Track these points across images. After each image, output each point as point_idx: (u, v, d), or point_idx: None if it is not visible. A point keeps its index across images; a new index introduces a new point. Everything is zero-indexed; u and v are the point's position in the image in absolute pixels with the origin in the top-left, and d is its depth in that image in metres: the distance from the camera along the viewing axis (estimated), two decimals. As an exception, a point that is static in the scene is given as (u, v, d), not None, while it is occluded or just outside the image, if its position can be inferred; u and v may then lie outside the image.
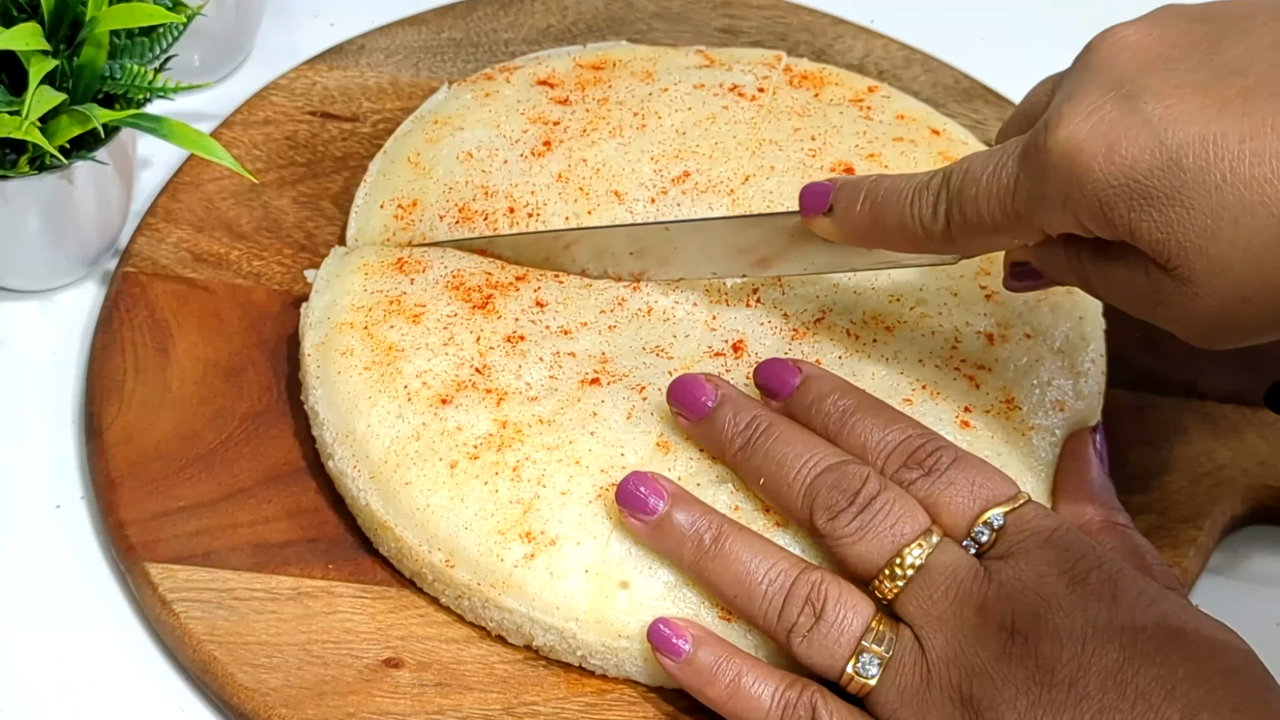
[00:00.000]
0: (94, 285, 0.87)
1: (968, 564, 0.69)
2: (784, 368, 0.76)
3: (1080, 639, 0.66)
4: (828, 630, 0.69)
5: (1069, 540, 0.69)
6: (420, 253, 0.82)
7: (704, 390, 0.75)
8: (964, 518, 0.71)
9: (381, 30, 0.97)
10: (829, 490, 0.71)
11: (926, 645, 0.68)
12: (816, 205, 0.76)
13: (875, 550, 0.70)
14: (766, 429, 0.74)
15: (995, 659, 0.67)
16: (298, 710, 0.71)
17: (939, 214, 0.71)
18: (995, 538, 0.70)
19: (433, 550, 0.74)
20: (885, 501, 0.71)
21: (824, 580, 0.70)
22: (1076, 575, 0.68)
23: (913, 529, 0.70)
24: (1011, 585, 0.68)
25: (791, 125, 0.89)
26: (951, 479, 0.71)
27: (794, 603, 0.70)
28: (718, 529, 0.72)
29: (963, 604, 0.68)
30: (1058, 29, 1.07)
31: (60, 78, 0.79)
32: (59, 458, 0.81)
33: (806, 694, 0.69)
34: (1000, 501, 0.71)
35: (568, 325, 0.80)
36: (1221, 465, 0.82)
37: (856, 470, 0.72)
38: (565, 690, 0.73)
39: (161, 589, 0.74)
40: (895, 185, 0.73)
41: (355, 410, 0.77)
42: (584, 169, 0.86)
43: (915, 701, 0.68)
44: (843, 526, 0.71)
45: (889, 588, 0.70)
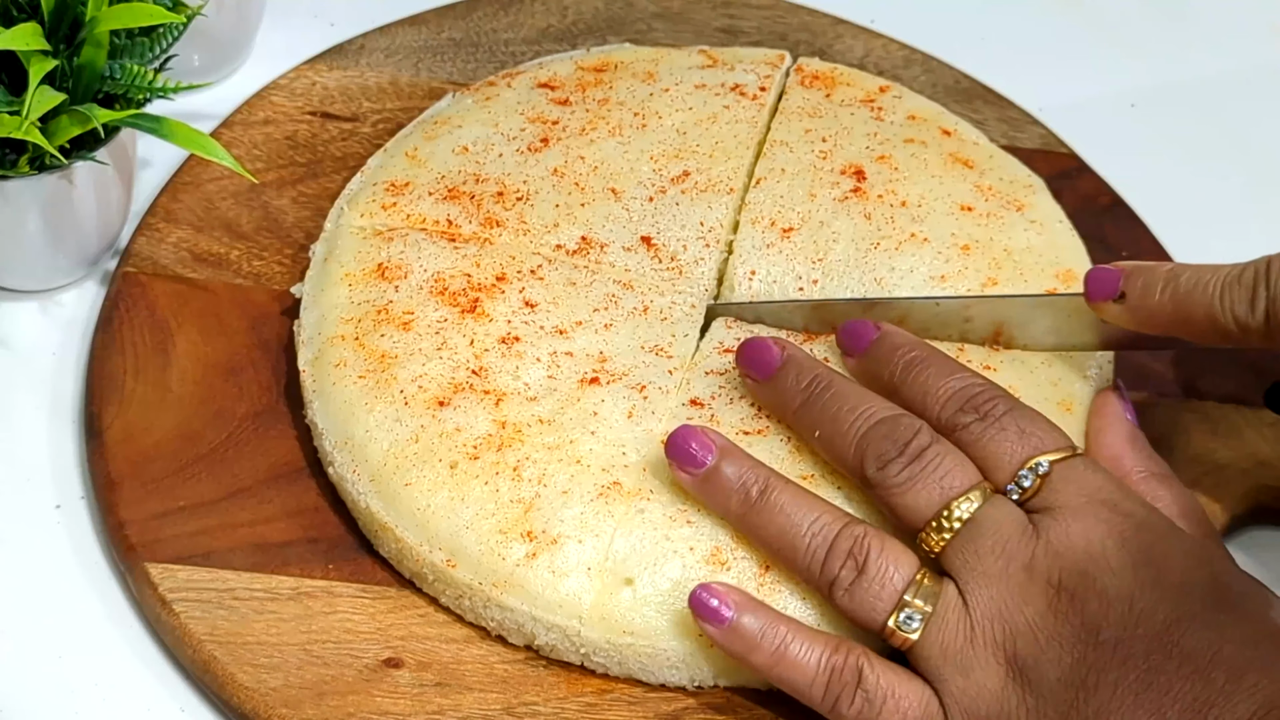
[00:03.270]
0: (94, 285, 0.87)
1: (1016, 519, 0.69)
2: (864, 325, 0.77)
3: (1128, 599, 0.66)
4: (869, 584, 0.70)
5: (1118, 497, 0.69)
6: (399, 255, 0.82)
7: (771, 351, 0.76)
8: (1011, 462, 0.71)
9: (381, 30, 0.97)
10: (880, 440, 0.72)
11: (970, 601, 0.68)
12: (1106, 291, 0.75)
13: (924, 501, 0.70)
14: (826, 385, 0.75)
15: (1040, 616, 0.67)
16: (298, 710, 0.71)
17: (1257, 310, 0.71)
18: (1039, 485, 0.70)
19: (434, 550, 0.74)
20: (936, 454, 0.71)
21: (867, 534, 0.70)
22: (1126, 533, 0.68)
23: (962, 482, 0.70)
24: (1059, 543, 0.68)
25: (803, 127, 0.89)
26: (1003, 425, 0.71)
27: (836, 555, 0.70)
28: (764, 482, 0.72)
29: (1009, 560, 0.68)
30: (1058, 29, 1.07)
31: (60, 78, 0.79)
32: (59, 458, 0.81)
33: (852, 657, 0.69)
34: (1048, 450, 0.71)
35: (562, 325, 0.80)
36: (1221, 465, 0.82)
37: (909, 423, 0.72)
38: (565, 690, 0.73)
39: (161, 589, 0.74)
40: (1199, 276, 0.73)
41: (352, 417, 0.77)
42: (581, 165, 0.86)
43: (958, 657, 0.68)
44: (892, 476, 0.71)
45: (935, 540, 0.70)
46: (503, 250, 0.83)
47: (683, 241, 0.84)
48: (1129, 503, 0.69)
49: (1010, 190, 0.87)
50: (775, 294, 0.83)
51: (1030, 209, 0.87)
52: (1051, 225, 0.86)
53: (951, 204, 0.86)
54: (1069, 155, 0.96)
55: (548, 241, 0.83)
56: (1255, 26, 1.08)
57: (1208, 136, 1.01)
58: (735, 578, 0.73)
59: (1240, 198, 0.98)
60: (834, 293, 0.83)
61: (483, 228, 0.84)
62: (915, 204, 0.85)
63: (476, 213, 0.84)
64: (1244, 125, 1.02)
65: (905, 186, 0.86)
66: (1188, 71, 1.05)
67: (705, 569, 0.73)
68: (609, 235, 0.84)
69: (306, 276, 0.84)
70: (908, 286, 0.83)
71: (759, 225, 0.84)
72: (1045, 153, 0.95)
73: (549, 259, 0.83)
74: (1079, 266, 0.85)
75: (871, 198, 0.86)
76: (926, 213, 0.85)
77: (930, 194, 0.86)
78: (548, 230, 0.84)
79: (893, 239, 0.84)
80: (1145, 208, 0.94)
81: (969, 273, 0.83)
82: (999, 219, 0.85)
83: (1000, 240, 0.85)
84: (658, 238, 0.84)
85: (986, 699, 0.67)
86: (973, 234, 0.85)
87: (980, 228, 0.85)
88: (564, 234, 0.84)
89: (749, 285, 0.83)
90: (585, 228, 0.84)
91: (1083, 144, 0.96)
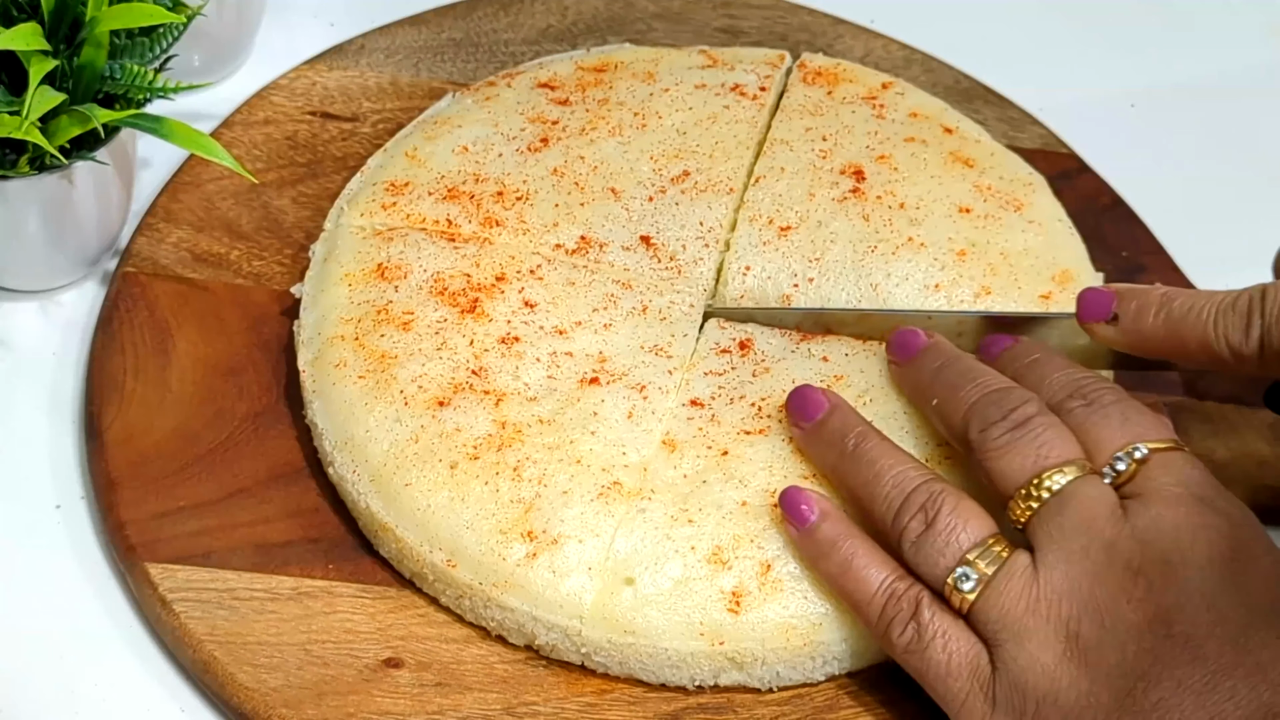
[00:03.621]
0: (94, 285, 0.87)
1: (1107, 499, 0.69)
2: (999, 337, 0.78)
3: (1208, 597, 0.66)
4: (934, 539, 0.70)
5: (1214, 494, 0.69)
6: (399, 255, 0.82)
7: (918, 337, 0.78)
8: (1111, 446, 0.71)
9: (381, 30, 0.97)
10: (987, 405, 0.72)
11: (1043, 573, 0.68)
12: (1098, 313, 0.76)
13: (1017, 467, 0.70)
14: (957, 361, 0.76)
15: (1112, 599, 0.66)
16: (298, 710, 0.71)
17: (1251, 337, 0.72)
18: (1136, 470, 0.70)
19: (434, 550, 0.74)
20: (1039, 425, 0.71)
21: (944, 491, 0.71)
22: (1216, 531, 0.67)
23: (1060, 454, 0.70)
24: (1146, 530, 0.67)
25: (803, 125, 0.89)
26: (1108, 412, 0.72)
27: (910, 507, 0.71)
28: (861, 436, 0.74)
29: (1092, 538, 0.68)
30: (1058, 29, 1.07)
31: (60, 78, 0.79)
32: (59, 458, 0.81)
33: (915, 589, 0.70)
34: (1150, 439, 0.71)
35: (562, 325, 0.80)
36: (1221, 465, 0.82)
37: (1020, 393, 0.72)
38: (565, 690, 0.73)
39: (161, 589, 0.74)
40: (1193, 302, 0.73)
41: (352, 417, 0.77)
42: (581, 165, 0.86)
43: (1017, 624, 0.68)
44: (992, 439, 0.71)
45: (1022, 509, 0.70)
46: (502, 250, 0.83)
47: (682, 241, 0.84)
48: (1224, 501, 0.69)
49: (1010, 189, 0.87)
50: (769, 290, 0.83)
51: (1029, 208, 0.87)
52: (1050, 225, 0.86)
53: (950, 206, 0.86)
54: (1069, 155, 0.96)
55: (547, 241, 0.83)
56: (1255, 26, 1.08)
57: (1208, 136, 1.01)
58: (736, 577, 0.73)
59: (1240, 198, 0.98)
60: (828, 292, 0.83)
61: (483, 228, 0.84)
62: (914, 206, 0.85)
63: (476, 213, 0.84)
64: (1244, 125, 1.02)
65: (904, 188, 0.86)
66: (1188, 71, 1.05)
67: (707, 568, 0.73)
68: (608, 235, 0.84)
69: (306, 276, 0.84)
70: (902, 294, 0.83)
71: (757, 223, 0.84)
72: (1045, 153, 0.95)
73: (549, 259, 0.83)
74: (1077, 267, 0.85)
75: (870, 198, 0.86)
76: (924, 215, 0.85)
77: (929, 195, 0.86)
78: (547, 230, 0.84)
79: (890, 242, 0.84)
80: (1145, 208, 0.94)
81: (963, 281, 0.83)
82: (997, 221, 0.85)
83: (997, 243, 0.85)
84: (657, 237, 0.84)
85: (1038, 672, 0.67)
86: (970, 237, 0.84)
87: (977, 230, 0.85)
88: (564, 234, 0.84)
89: (743, 280, 0.83)
90: (585, 227, 0.84)
91: (1083, 144, 0.96)
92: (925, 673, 0.70)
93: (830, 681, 0.75)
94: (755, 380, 0.79)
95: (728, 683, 0.74)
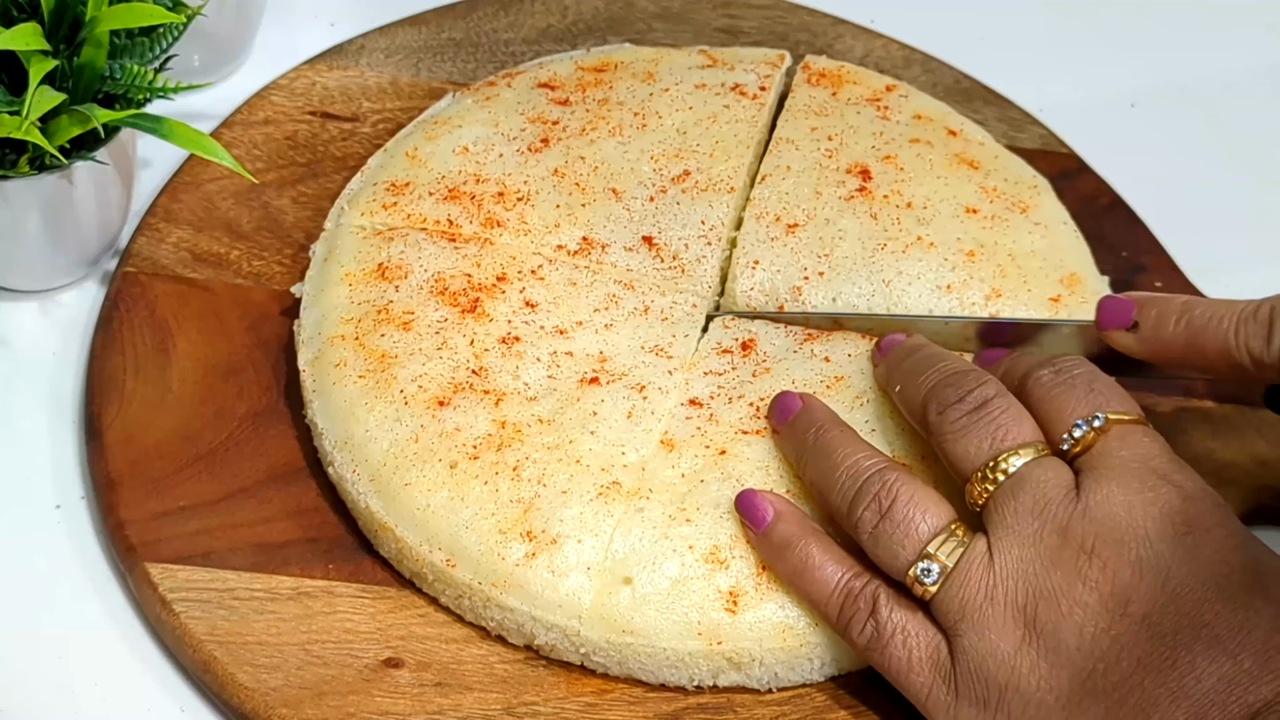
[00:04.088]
0: (94, 285, 0.87)
1: (1062, 481, 0.69)
2: (996, 352, 0.78)
3: (1163, 572, 0.66)
4: (893, 530, 0.70)
5: (1170, 468, 0.69)
6: (399, 255, 0.82)
7: (898, 336, 0.78)
8: (1072, 415, 0.71)
9: (381, 30, 0.97)
10: (945, 388, 0.72)
11: (998, 559, 0.68)
12: (1118, 320, 0.76)
13: (974, 449, 0.70)
14: (926, 350, 0.76)
15: (1067, 581, 0.66)
16: (298, 710, 0.71)
17: (1272, 345, 0.72)
18: (1094, 438, 0.70)
19: (433, 550, 0.74)
20: (998, 407, 0.71)
21: (899, 479, 0.70)
22: (1170, 504, 0.67)
23: (1017, 436, 0.70)
24: (1099, 509, 0.67)
25: (809, 125, 0.89)
26: (1074, 380, 0.71)
27: (863, 497, 0.71)
28: (821, 429, 0.74)
29: (1045, 522, 0.68)
30: (1058, 29, 1.07)
31: (60, 78, 0.79)
32: (59, 458, 0.81)
33: (870, 586, 0.70)
34: (1112, 410, 0.70)
35: (562, 325, 0.80)
36: (1221, 465, 0.82)
37: (979, 375, 0.72)
38: (565, 690, 0.73)
39: (161, 589, 0.74)
40: (1214, 310, 0.73)
41: (352, 416, 0.77)
42: (581, 166, 0.86)
43: (976, 614, 0.68)
44: (949, 421, 0.71)
45: (978, 491, 0.70)
46: (503, 250, 0.83)
47: (684, 240, 0.84)
48: (1180, 475, 0.69)
49: (1015, 191, 0.87)
50: (779, 283, 0.83)
51: (1035, 210, 0.87)
52: (1056, 228, 0.86)
53: (957, 206, 0.86)
54: (1069, 155, 0.96)
55: (548, 242, 0.83)
56: (1255, 26, 1.08)
57: (1208, 136, 1.01)
58: (734, 577, 0.73)
59: (1240, 197, 0.98)
60: (839, 286, 0.83)
61: (483, 228, 0.84)
62: (921, 205, 0.85)
63: (477, 213, 0.84)
64: (1244, 125, 1.02)
65: (911, 187, 0.86)
66: (1188, 71, 1.05)
67: (704, 567, 0.73)
68: (610, 235, 0.84)
69: (306, 276, 0.84)
70: (915, 293, 0.83)
71: (764, 220, 0.85)
72: (1045, 153, 0.95)
73: (549, 259, 0.83)
74: (1083, 269, 0.85)
75: (877, 198, 0.86)
76: (932, 215, 0.85)
77: (935, 195, 0.86)
78: (548, 230, 0.84)
79: (899, 241, 0.84)
80: (1145, 208, 0.94)
81: (974, 282, 0.83)
82: (1003, 222, 0.86)
83: (1005, 244, 0.85)
84: (659, 237, 0.84)
85: (998, 660, 0.67)
86: (978, 238, 0.85)
87: (985, 231, 0.85)
88: (565, 234, 0.84)
89: (752, 275, 0.83)
90: (586, 228, 0.84)
91: (1083, 144, 0.96)
92: (888, 669, 0.70)
93: (830, 682, 0.75)
94: (755, 380, 0.79)
95: (727, 683, 0.74)
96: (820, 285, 0.83)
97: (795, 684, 0.74)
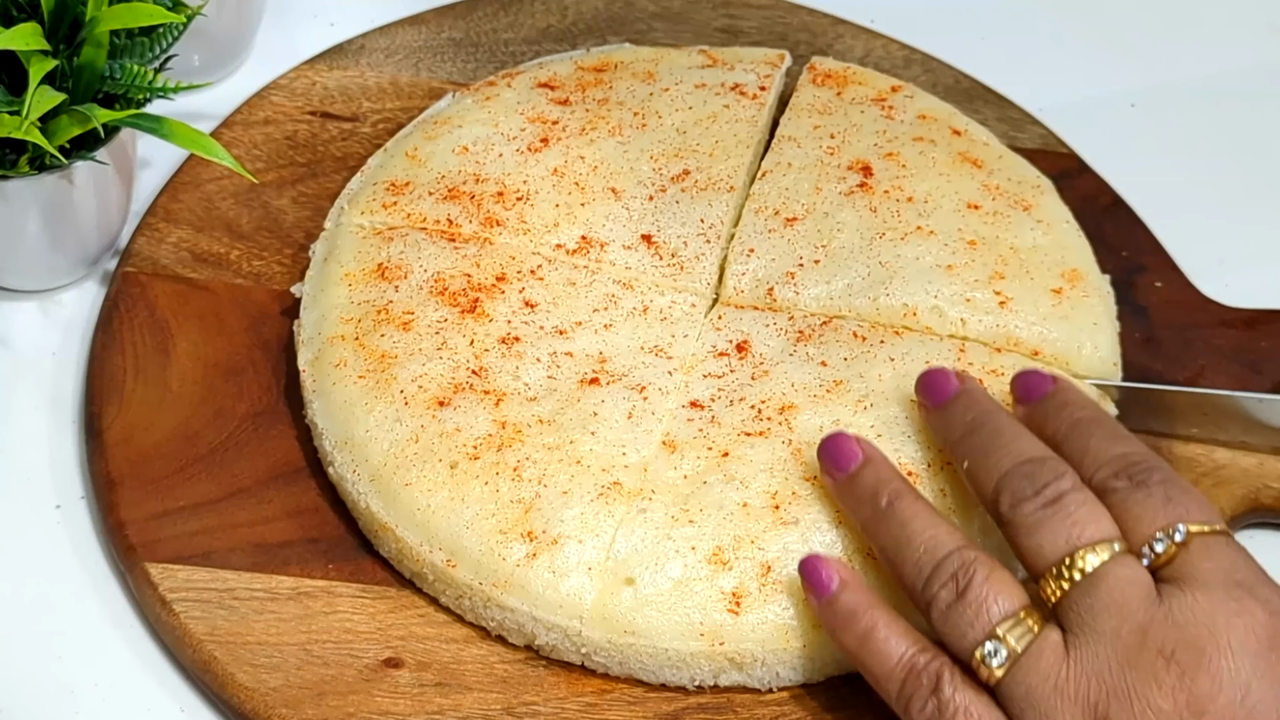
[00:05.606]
0: (94, 285, 0.87)
1: (1142, 582, 0.67)
2: (1040, 377, 0.75)
3: (1243, 686, 0.64)
4: (964, 610, 0.68)
5: (1255, 580, 0.67)
6: (399, 255, 0.82)
7: (949, 382, 0.75)
8: (1150, 526, 0.68)
9: (381, 30, 0.97)
10: (1020, 479, 0.70)
11: (1073, 653, 0.66)
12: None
13: (1049, 545, 0.68)
14: (990, 419, 0.73)
15: (1143, 684, 0.65)
16: (298, 710, 0.71)
17: None
18: (1175, 552, 0.67)
19: (434, 550, 0.74)
20: (1073, 502, 0.68)
21: (977, 559, 0.69)
22: (1255, 618, 0.65)
23: (1094, 534, 0.68)
24: (1182, 614, 0.65)
25: (811, 123, 0.89)
26: (1151, 491, 0.69)
27: (940, 575, 0.69)
28: (894, 493, 0.72)
29: (1125, 620, 0.66)
30: (1058, 29, 1.07)
31: (60, 78, 0.79)
32: (59, 458, 0.81)
33: (936, 663, 0.68)
34: (1192, 521, 0.68)
35: (562, 325, 0.80)
36: (1221, 465, 0.82)
37: (1055, 465, 0.70)
38: (565, 690, 0.73)
39: (161, 589, 0.74)
40: None
41: (352, 417, 0.77)
42: (581, 165, 0.86)
43: (1043, 704, 0.66)
44: (1022, 514, 0.69)
45: (1053, 588, 0.67)
46: (503, 250, 0.83)
47: (683, 239, 0.84)
48: (1266, 588, 0.67)
49: (1018, 190, 0.87)
50: (774, 271, 0.83)
51: (1038, 209, 0.87)
52: (1059, 226, 0.86)
53: (959, 201, 0.86)
54: (1069, 155, 0.96)
55: (548, 241, 0.83)
56: (1255, 26, 1.08)
57: (1208, 136, 1.01)
58: (736, 578, 0.73)
59: (1240, 198, 0.98)
60: (835, 274, 0.82)
61: (483, 227, 0.84)
62: (922, 200, 0.85)
63: (476, 212, 0.84)
64: (1244, 125, 1.02)
65: (912, 183, 0.86)
66: (1188, 71, 1.05)
67: (707, 568, 0.73)
68: (609, 234, 0.84)
69: (306, 276, 0.84)
70: (914, 272, 0.82)
71: (763, 214, 0.85)
72: (1045, 153, 0.95)
73: (549, 259, 0.83)
74: (1085, 266, 0.85)
75: (878, 193, 0.86)
76: (933, 209, 0.85)
77: (937, 191, 0.86)
78: (548, 230, 0.84)
79: (898, 230, 0.84)
80: (1145, 208, 0.94)
81: (975, 266, 0.83)
82: (1006, 218, 0.86)
83: (1006, 239, 0.85)
84: (658, 235, 0.84)
85: None
86: (979, 231, 0.85)
87: (987, 226, 0.85)
88: (564, 233, 0.84)
89: (746, 261, 0.83)
90: (585, 227, 0.84)
91: (1083, 144, 0.96)
92: None
93: (830, 682, 0.74)
94: (755, 383, 0.79)
95: (728, 683, 0.74)
96: (815, 271, 0.83)
97: (796, 683, 0.74)
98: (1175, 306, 0.89)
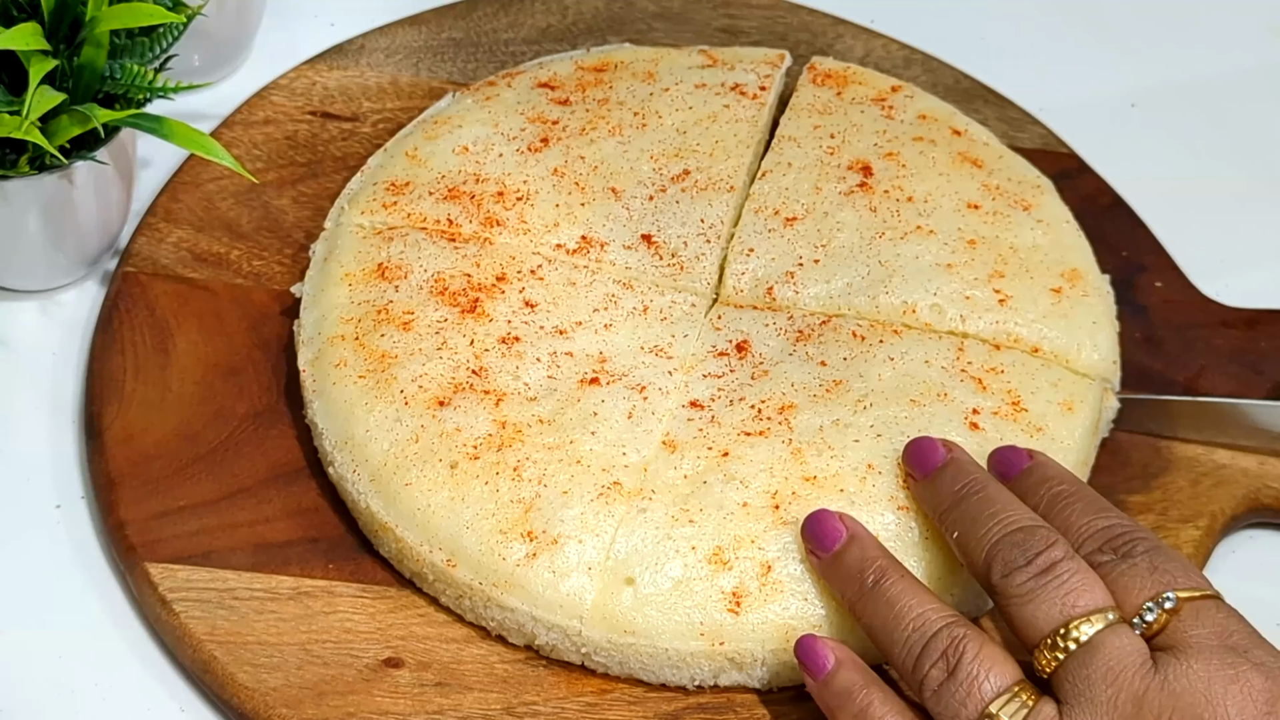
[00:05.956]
0: (94, 285, 0.87)
1: (1136, 650, 0.66)
2: (1016, 453, 0.75)
3: None
4: (956, 688, 0.67)
5: (1249, 643, 0.66)
6: (399, 255, 0.82)
7: (937, 452, 0.75)
8: (1139, 596, 0.68)
9: (381, 30, 0.97)
10: (1011, 548, 0.69)
11: None
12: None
13: (1042, 616, 0.67)
14: (979, 490, 0.72)
15: None
16: (298, 710, 0.71)
17: None
18: (1166, 620, 0.67)
19: (434, 550, 0.74)
20: (1066, 571, 0.68)
21: (967, 636, 0.68)
22: (1250, 683, 0.65)
23: (1087, 604, 0.67)
24: (1178, 682, 0.65)
25: (812, 123, 0.89)
26: (1136, 562, 0.68)
27: (930, 654, 0.68)
28: (880, 572, 0.71)
29: (1120, 690, 0.65)
30: (1058, 29, 1.07)
31: (60, 78, 0.79)
32: (59, 458, 0.81)
33: None
34: (1180, 587, 0.68)
35: (562, 325, 0.80)
36: (1221, 465, 0.82)
37: (1046, 535, 0.69)
38: (565, 690, 0.73)
39: (161, 589, 0.74)
40: None
41: (352, 417, 0.77)
42: (581, 165, 0.86)
43: None
44: (1015, 585, 0.68)
45: (1048, 659, 0.67)
46: (503, 250, 0.83)
47: (683, 239, 0.84)
48: (1260, 651, 0.66)
49: (1018, 190, 0.87)
50: (773, 270, 0.83)
51: (1038, 209, 0.87)
52: (1058, 225, 0.86)
53: (958, 201, 0.86)
54: (1069, 155, 0.96)
55: (548, 241, 0.83)
56: (1255, 26, 1.08)
57: (1208, 136, 1.01)
58: (737, 578, 0.73)
59: (1240, 198, 0.98)
60: (835, 273, 0.82)
61: (483, 227, 0.84)
62: (922, 199, 0.85)
63: (477, 212, 0.84)
64: (1244, 125, 1.02)
65: (912, 183, 0.86)
66: (1188, 71, 1.05)
67: (707, 568, 0.73)
68: (609, 234, 0.84)
69: (306, 276, 0.84)
70: (913, 270, 0.82)
71: (762, 214, 0.85)
72: (1045, 153, 0.95)
73: (549, 259, 0.83)
74: (1084, 265, 0.85)
75: (878, 193, 0.86)
76: (933, 208, 0.85)
77: (937, 191, 0.86)
78: (548, 230, 0.84)
79: (898, 230, 0.84)
80: (1145, 208, 0.94)
81: (975, 264, 0.83)
82: (1005, 218, 0.86)
83: (1006, 238, 0.85)
84: (658, 235, 0.84)
85: None
86: (979, 231, 0.85)
87: (986, 225, 0.85)
88: (564, 233, 0.84)
89: (746, 262, 0.83)
90: (585, 227, 0.84)
91: (1083, 144, 0.96)
92: None
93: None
94: (755, 383, 0.79)
95: (728, 683, 0.74)
96: (815, 271, 0.83)
97: (796, 683, 0.74)
98: (1175, 306, 0.89)
